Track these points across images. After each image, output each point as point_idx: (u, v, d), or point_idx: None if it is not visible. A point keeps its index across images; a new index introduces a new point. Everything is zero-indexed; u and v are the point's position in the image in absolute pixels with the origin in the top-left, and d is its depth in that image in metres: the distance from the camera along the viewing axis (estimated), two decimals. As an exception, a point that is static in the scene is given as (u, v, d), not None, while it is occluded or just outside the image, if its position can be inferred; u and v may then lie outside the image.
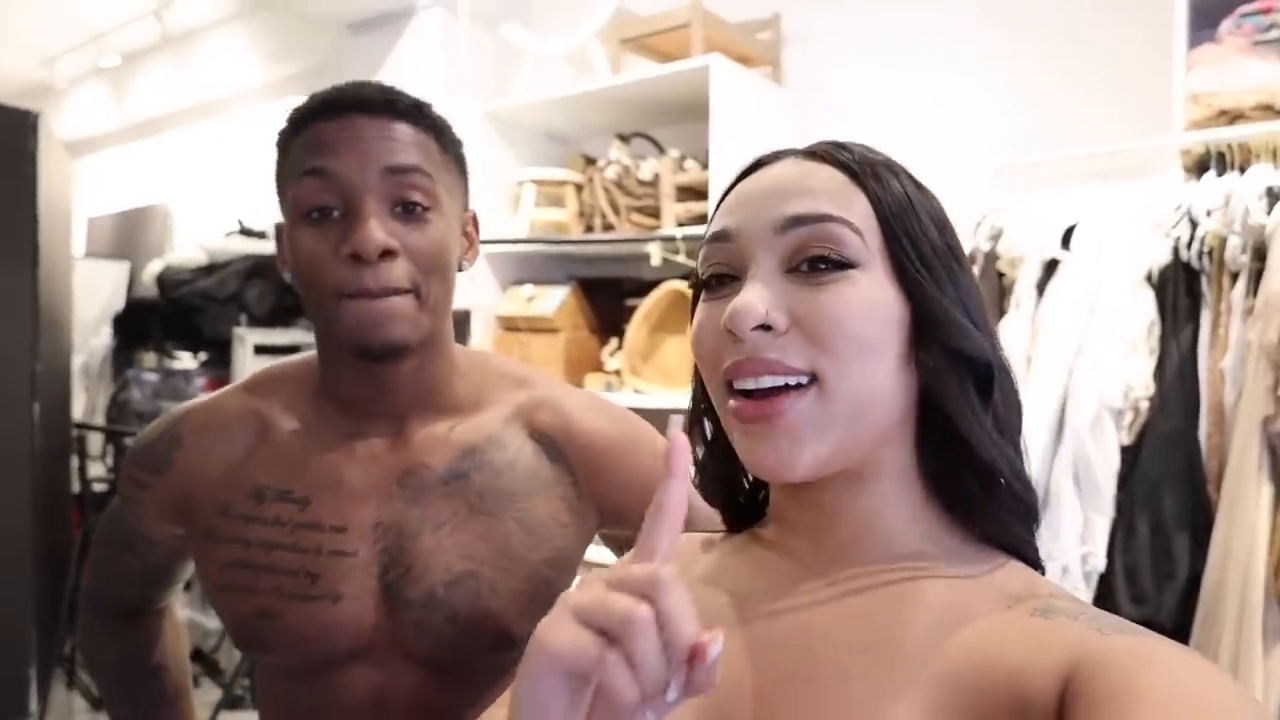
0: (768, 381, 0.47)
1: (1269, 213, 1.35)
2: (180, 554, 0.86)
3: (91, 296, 4.03)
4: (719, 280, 0.51)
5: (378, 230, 0.68)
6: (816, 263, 0.47)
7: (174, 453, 0.78)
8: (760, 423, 0.47)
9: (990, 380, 0.49)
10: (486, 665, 0.75)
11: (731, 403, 0.49)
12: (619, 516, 0.80)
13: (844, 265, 0.47)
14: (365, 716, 0.74)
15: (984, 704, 0.41)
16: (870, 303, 0.47)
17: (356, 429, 0.77)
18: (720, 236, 0.51)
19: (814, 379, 0.47)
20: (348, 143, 0.69)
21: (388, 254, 0.69)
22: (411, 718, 0.73)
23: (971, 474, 0.49)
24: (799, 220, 0.48)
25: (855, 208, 0.48)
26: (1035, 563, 0.51)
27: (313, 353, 0.81)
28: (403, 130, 0.72)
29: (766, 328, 0.47)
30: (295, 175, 0.71)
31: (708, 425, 0.58)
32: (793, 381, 0.46)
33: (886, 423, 0.48)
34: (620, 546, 0.86)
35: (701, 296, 0.52)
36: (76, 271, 3.84)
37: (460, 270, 0.78)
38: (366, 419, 0.77)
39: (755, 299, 0.47)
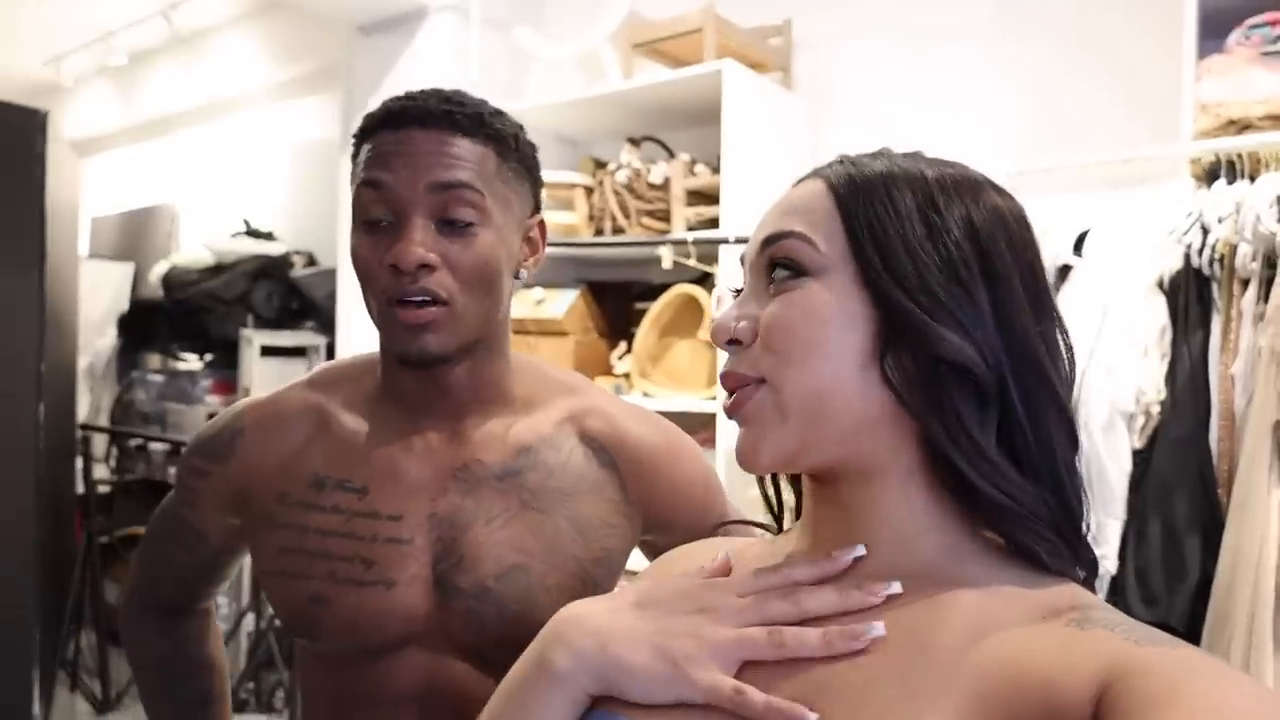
0: (735, 392, 0.52)
1: (1279, 220, 1.37)
2: (230, 549, 0.88)
3: (96, 297, 4.03)
4: (738, 292, 0.57)
5: (416, 245, 0.71)
6: (779, 272, 0.52)
7: (236, 442, 0.81)
8: (734, 417, 0.52)
9: (999, 392, 0.47)
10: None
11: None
12: (662, 523, 0.83)
13: (800, 274, 0.51)
14: (411, 705, 0.76)
15: (1015, 713, 0.41)
16: (819, 306, 0.49)
17: (414, 425, 0.79)
18: (742, 260, 0.57)
19: (761, 379, 0.51)
20: (401, 157, 0.72)
21: (424, 267, 0.71)
22: (457, 707, 0.74)
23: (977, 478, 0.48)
24: (768, 241, 0.53)
25: (821, 222, 0.51)
26: (1068, 571, 0.49)
27: (374, 352, 0.83)
28: (459, 144, 0.73)
29: (736, 342, 0.52)
30: (355, 183, 0.75)
31: None
32: (747, 384, 0.51)
33: (852, 420, 0.49)
34: (656, 553, 0.86)
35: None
36: (81, 272, 3.84)
37: (517, 278, 0.80)
38: (424, 416, 0.79)
39: (726, 317, 0.53)
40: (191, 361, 3.79)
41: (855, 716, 0.44)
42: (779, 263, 0.52)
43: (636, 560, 0.87)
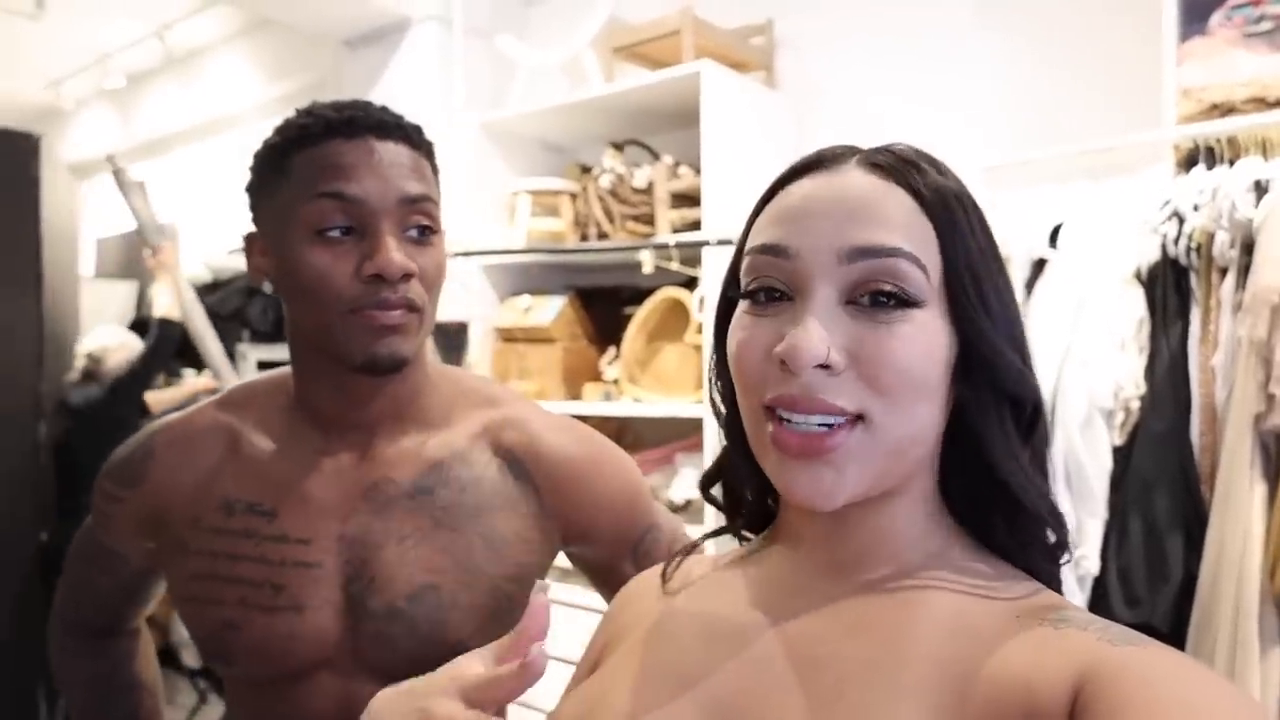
0: (816, 419, 0.45)
1: (1256, 205, 1.34)
2: (151, 571, 0.86)
3: (101, 316, 4.07)
4: (767, 294, 0.48)
5: (399, 254, 0.71)
6: (879, 297, 0.45)
7: (147, 466, 0.79)
8: (804, 457, 0.45)
9: (1035, 418, 0.49)
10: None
11: (771, 428, 0.47)
12: (582, 535, 0.82)
13: (907, 304, 0.45)
14: None
15: (990, 714, 0.40)
16: (929, 345, 0.45)
17: (326, 444, 0.78)
18: (777, 250, 0.48)
19: (860, 417, 0.45)
20: (367, 168, 0.71)
21: (407, 276, 0.72)
22: None
23: (997, 506, 0.49)
24: (869, 252, 0.45)
25: (924, 242, 0.46)
26: (1057, 589, 0.50)
27: (286, 369, 0.82)
28: (410, 155, 0.74)
29: (825, 366, 0.45)
30: (307, 194, 0.71)
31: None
32: (841, 421, 0.45)
33: (921, 456, 0.49)
34: (585, 563, 0.86)
35: (743, 306, 0.50)
36: (85, 292, 3.88)
37: None
38: (336, 433, 0.78)
39: (818, 338, 0.44)
40: (190, 377, 3.81)
41: (829, 716, 0.44)
42: (882, 284, 0.45)
43: (564, 560, 0.86)
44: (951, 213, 0.47)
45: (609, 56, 2.36)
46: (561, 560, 0.86)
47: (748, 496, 0.59)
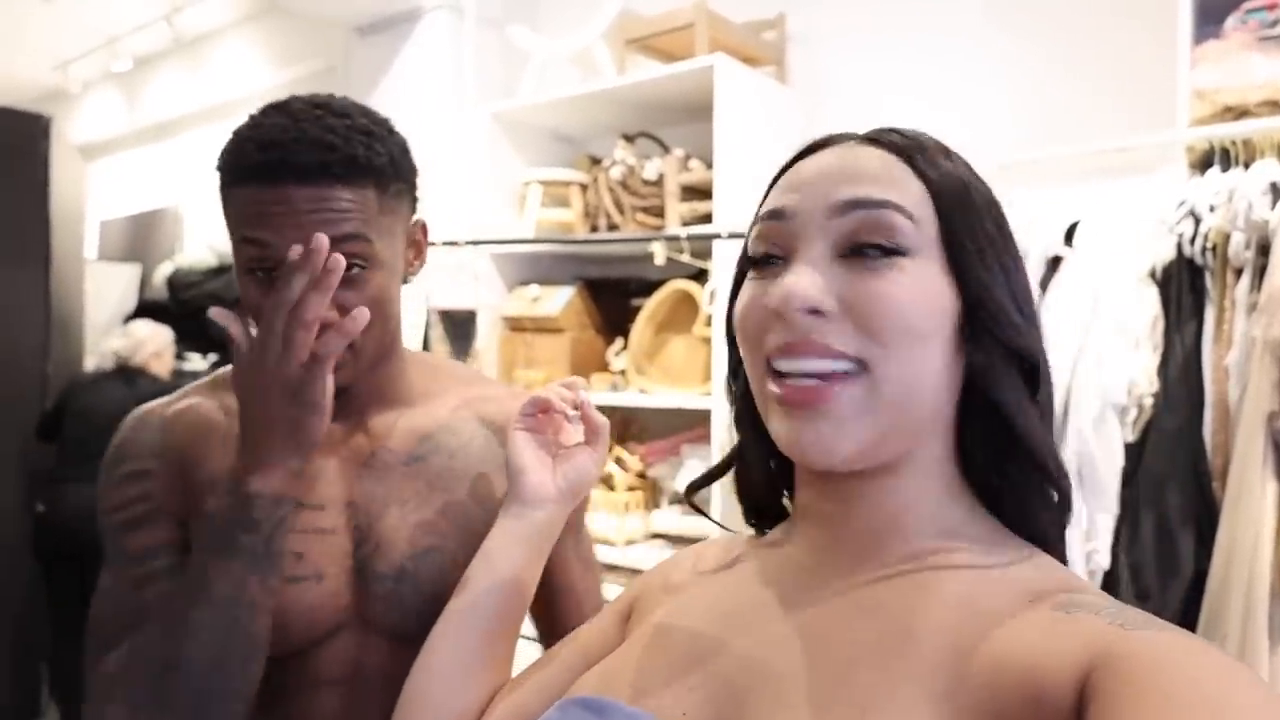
0: (812, 365, 0.46)
1: (1273, 208, 1.34)
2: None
3: (104, 299, 4.07)
4: (768, 259, 0.50)
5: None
6: (868, 248, 0.47)
7: (163, 436, 0.78)
8: (805, 408, 0.46)
9: (1037, 374, 0.49)
10: None
11: (773, 386, 0.48)
12: None
13: (896, 252, 0.46)
14: (337, 688, 0.76)
15: (997, 697, 0.40)
16: (922, 291, 0.46)
17: None
18: (774, 215, 0.50)
19: (862, 366, 0.46)
20: (282, 216, 0.69)
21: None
22: (383, 690, 0.73)
23: (1016, 467, 0.49)
24: (854, 204, 0.47)
25: (910, 193, 0.48)
26: (1061, 552, 0.51)
27: None
28: (339, 195, 0.70)
29: (816, 312, 0.46)
30: (236, 233, 0.72)
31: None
32: (840, 368, 0.46)
33: (930, 413, 0.48)
34: None
35: (749, 274, 0.52)
36: (89, 274, 3.88)
37: (405, 283, 0.80)
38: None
39: (807, 282, 0.46)
40: (195, 361, 3.81)
41: (837, 695, 0.44)
42: (869, 234, 0.47)
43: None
44: (938, 165, 0.49)
45: (621, 48, 2.36)
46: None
47: (761, 491, 0.60)
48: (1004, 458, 0.49)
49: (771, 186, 0.54)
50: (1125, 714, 0.35)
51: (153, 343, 3.00)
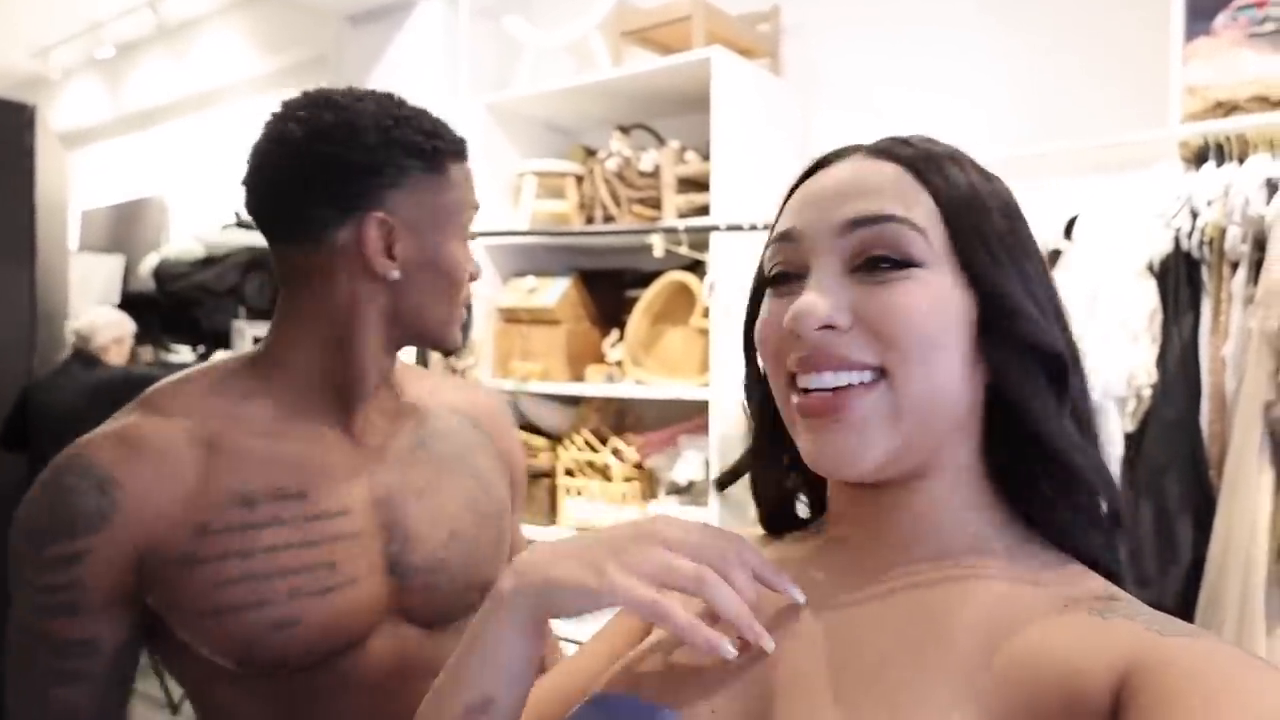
0: (830, 379, 0.48)
1: (1268, 203, 1.37)
2: (130, 642, 0.71)
3: (86, 290, 4.02)
4: (783, 278, 0.52)
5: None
6: (878, 262, 0.48)
7: (112, 497, 0.67)
8: (826, 418, 0.47)
9: (1065, 373, 0.49)
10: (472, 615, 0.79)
11: (795, 399, 0.50)
12: (511, 482, 0.90)
13: (907, 264, 0.47)
14: (381, 687, 0.76)
15: (1031, 701, 0.40)
16: (935, 299, 0.47)
17: (323, 418, 0.77)
18: (784, 236, 0.52)
19: (881, 374, 0.47)
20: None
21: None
22: (425, 679, 0.73)
23: (1045, 474, 0.49)
24: (860, 222, 0.48)
25: (918, 205, 0.49)
26: (1114, 572, 0.50)
27: (212, 364, 0.79)
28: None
29: (830, 327, 0.47)
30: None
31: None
32: (859, 378, 0.47)
33: (953, 420, 0.48)
34: None
35: (767, 292, 0.53)
36: (71, 265, 3.82)
37: (387, 274, 0.76)
38: (332, 408, 0.77)
39: (817, 300, 0.47)
40: (183, 353, 3.78)
41: (867, 694, 0.44)
42: (877, 249, 0.48)
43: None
44: (946, 174, 0.50)
45: (616, 39, 2.36)
46: None
47: (775, 500, 0.61)
48: (1032, 465, 0.49)
49: (784, 203, 0.55)
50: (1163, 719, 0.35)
51: (111, 330, 2.95)
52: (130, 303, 4.00)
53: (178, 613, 0.69)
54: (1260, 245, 1.36)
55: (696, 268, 2.20)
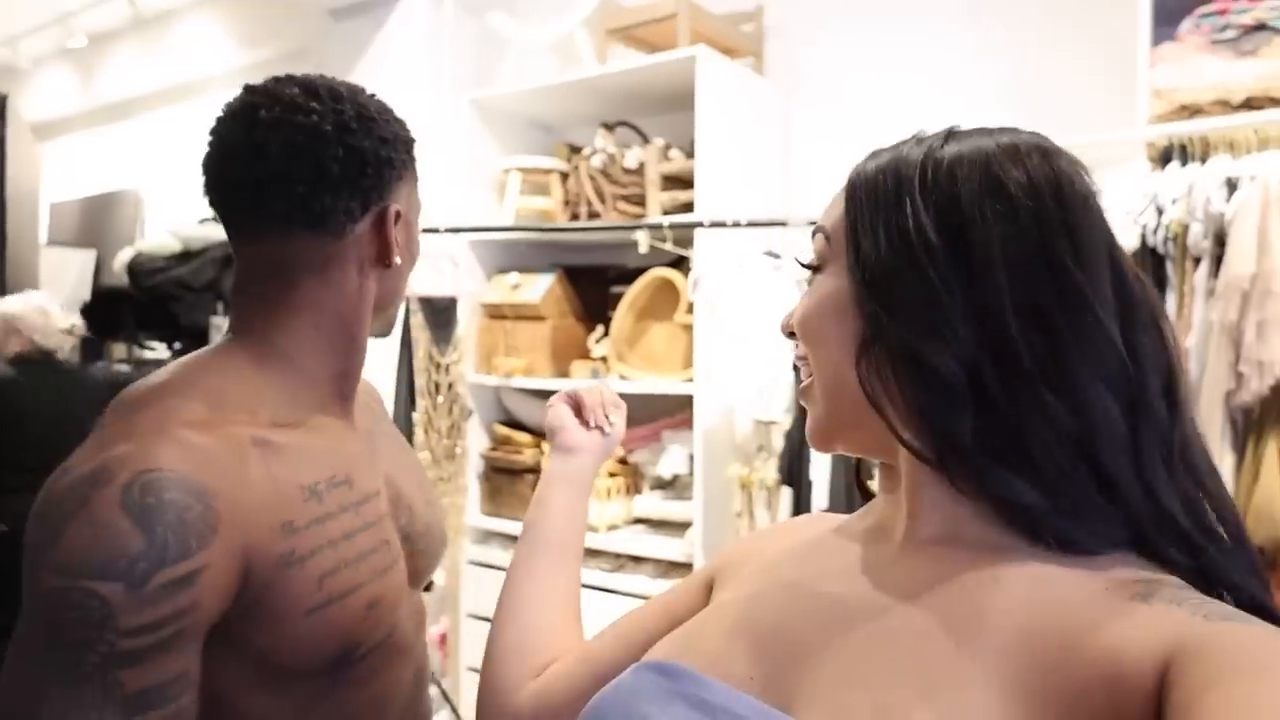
0: (803, 370, 0.57)
1: (1228, 200, 1.44)
2: (200, 675, 0.64)
3: (57, 285, 3.95)
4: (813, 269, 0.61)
5: None
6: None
7: (212, 506, 0.62)
8: (802, 397, 0.58)
9: (973, 386, 0.46)
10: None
11: None
12: None
13: (815, 268, 0.56)
14: (411, 653, 0.81)
15: (1070, 682, 0.40)
16: (819, 298, 0.53)
17: (326, 409, 0.78)
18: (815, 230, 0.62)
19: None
20: None
21: None
22: (423, 638, 0.86)
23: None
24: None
25: (836, 207, 0.54)
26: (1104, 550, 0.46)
27: (202, 357, 0.76)
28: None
29: (792, 333, 0.57)
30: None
31: None
32: (806, 369, 0.57)
33: (863, 409, 0.50)
34: None
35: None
36: (40, 260, 3.77)
37: (387, 266, 0.78)
38: (330, 399, 0.78)
39: (787, 312, 0.58)
40: (160, 350, 3.74)
41: (903, 667, 0.45)
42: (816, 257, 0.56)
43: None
44: (862, 173, 0.52)
45: (601, 37, 2.39)
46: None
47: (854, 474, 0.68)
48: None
49: None
50: (1210, 704, 0.34)
51: (42, 317, 2.69)
52: (103, 298, 3.95)
53: (268, 617, 0.66)
54: (1220, 241, 1.43)
55: (681, 264, 2.24)
